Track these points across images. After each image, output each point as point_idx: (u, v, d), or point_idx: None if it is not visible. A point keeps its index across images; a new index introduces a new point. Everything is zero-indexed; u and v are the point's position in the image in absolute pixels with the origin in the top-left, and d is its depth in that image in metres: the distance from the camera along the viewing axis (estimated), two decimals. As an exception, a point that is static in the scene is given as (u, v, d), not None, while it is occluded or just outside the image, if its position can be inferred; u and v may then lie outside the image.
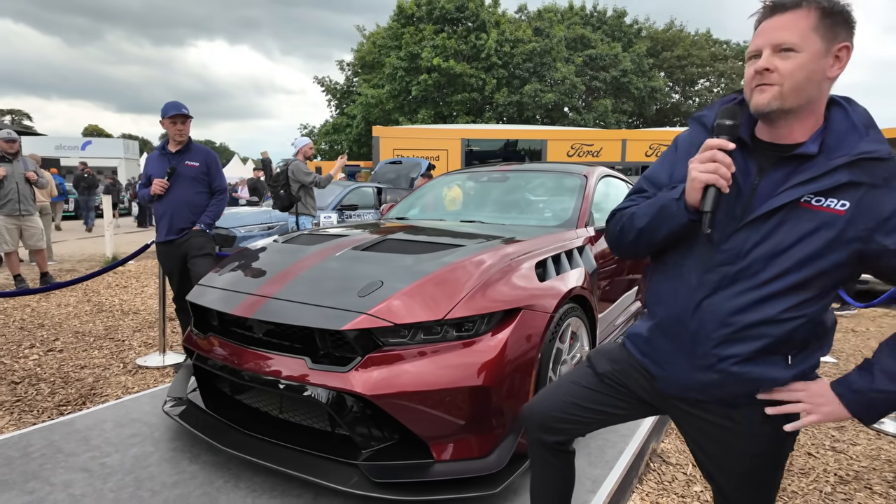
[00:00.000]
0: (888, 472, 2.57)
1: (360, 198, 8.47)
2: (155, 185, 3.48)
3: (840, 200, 1.07)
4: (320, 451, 2.03)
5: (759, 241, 1.12)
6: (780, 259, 1.10)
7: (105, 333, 4.50)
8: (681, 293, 1.22)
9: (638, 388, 1.35)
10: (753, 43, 1.13)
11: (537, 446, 1.46)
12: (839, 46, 1.08)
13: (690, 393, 1.25)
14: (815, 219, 1.08)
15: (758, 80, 1.10)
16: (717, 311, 1.16)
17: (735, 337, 1.15)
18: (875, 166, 1.06)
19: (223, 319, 2.34)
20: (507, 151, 18.38)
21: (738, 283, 1.15)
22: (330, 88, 31.83)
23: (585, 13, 32.42)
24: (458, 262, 2.18)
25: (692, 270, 1.20)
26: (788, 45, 1.07)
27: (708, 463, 1.32)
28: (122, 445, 2.40)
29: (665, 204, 1.20)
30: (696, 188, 1.12)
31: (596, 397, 1.38)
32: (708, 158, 1.11)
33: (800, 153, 1.11)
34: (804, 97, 1.09)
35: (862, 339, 5.12)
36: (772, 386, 1.17)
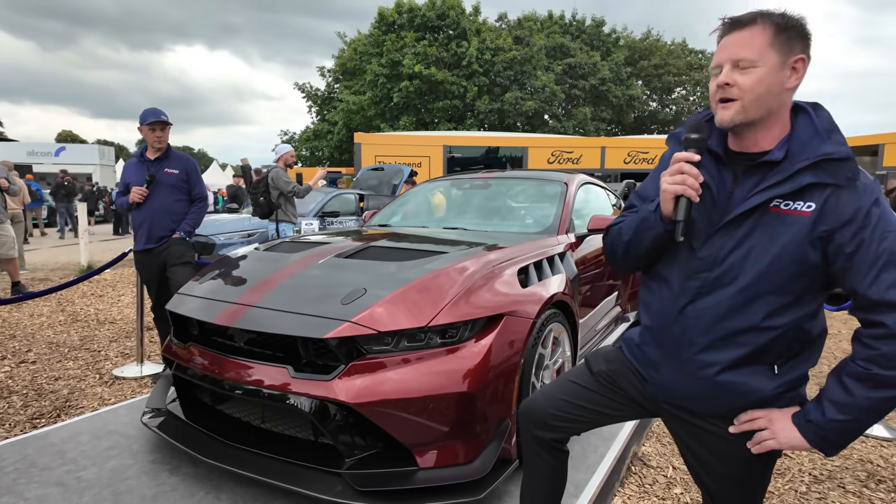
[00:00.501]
0: (860, 472, 2.65)
1: (341, 204, 8.44)
2: (133, 194, 3.42)
3: (806, 202, 1.11)
4: (303, 460, 2.01)
5: (733, 246, 1.17)
6: (754, 263, 1.14)
7: (80, 344, 4.41)
8: (665, 300, 1.27)
9: (631, 388, 1.38)
10: (715, 59, 1.18)
11: (533, 443, 1.48)
12: (795, 59, 1.13)
13: (677, 399, 1.29)
14: (784, 222, 1.12)
15: (720, 94, 1.16)
16: (700, 318, 1.20)
17: (718, 343, 1.19)
18: (837, 167, 1.10)
19: (204, 328, 2.32)
20: (489, 158, 18.50)
21: (718, 289, 1.18)
22: (311, 95, 31.68)
23: (565, 22, 32.89)
24: (442, 269, 2.19)
25: (675, 278, 1.25)
26: (747, 60, 1.12)
27: (697, 465, 1.35)
28: (98, 458, 2.35)
29: (645, 216, 1.27)
30: (667, 199, 1.19)
31: (591, 396, 1.42)
32: (676, 171, 1.17)
33: (767, 160, 1.16)
34: (765, 108, 1.14)
35: (834, 342, 5.25)
36: (756, 397, 1.19)
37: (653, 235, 1.25)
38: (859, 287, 1.08)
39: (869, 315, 1.09)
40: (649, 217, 1.25)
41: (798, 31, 1.13)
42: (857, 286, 1.09)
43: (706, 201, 1.21)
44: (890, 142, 15.42)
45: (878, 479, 2.56)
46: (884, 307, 1.06)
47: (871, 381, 1.07)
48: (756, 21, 1.12)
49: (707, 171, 1.21)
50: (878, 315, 1.06)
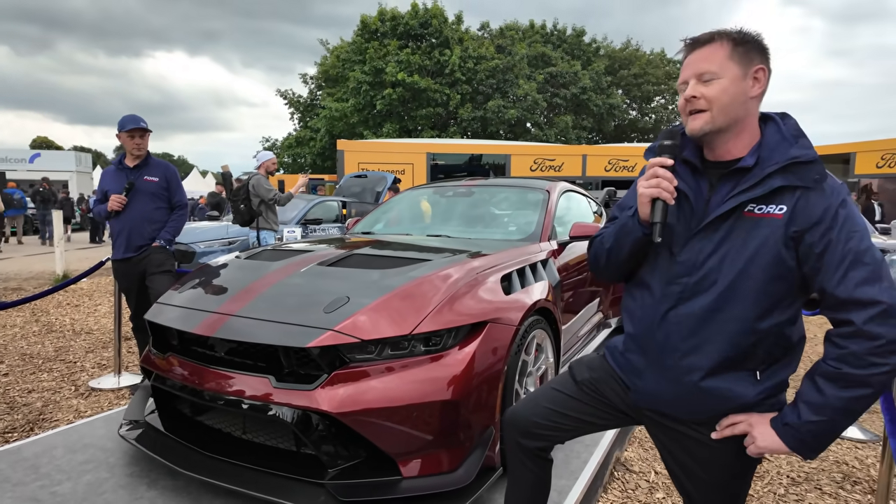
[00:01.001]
0: (836, 473, 2.70)
1: (324, 212, 8.40)
2: (112, 202, 3.36)
3: (778, 205, 1.16)
4: (285, 471, 1.99)
5: (711, 251, 1.20)
6: (731, 266, 1.18)
7: (55, 355, 4.30)
8: (647, 306, 1.30)
9: (614, 396, 1.40)
10: (681, 76, 1.26)
11: (517, 451, 1.48)
12: (755, 69, 1.20)
13: (661, 406, 1.31)
14: (758, 225, 1.16)
15: (689, 106, 1.22)
16: (682, 323, 1.23)
17: (700, 348, 1.21)
18: (805, 169, 1.15)
19: (183, 338, 2.28)
20: (472, 166, 18.57)
21: (698, 294, 1.21)
22: (293, 101, 31.53)
23: (546, 32, 33.27)
24: (425, 277, 2.19)
25: (656, 284, 1.29)
26: (709, 73, 1.19)
27: (679, 471, 1.36)
28: (74, 472, 2.30)
29: (624, 222, 1.32)
30: (643, 203, 1.23)
31: (575, 405, 1.43)
32: (651, 175, 1.23)
33: (740, 167, 1.21)
34: (732, 117, 1.20)
35: (810, 346, 5.36)
36: (739, 403, 1.22)
37: (632, 240, 1.29)
38: (828, 286, 1.11)
39: (838, 314, 1.12)
40: (628, 222, 1.30)
41: (755, 45, 1.20)
42: (825, 285, 1.12)
43: (685, 209, 1.25)
44: (861, 150, 15.86)
45: (854, 481, 2.62)
46: (851, 305, 1.09)
47: (843, 381, 1.10)
48: (714, 39, 1.21)
49: (684, 180, 1.25)
50: (847, 313, 1.09)
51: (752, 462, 1.29)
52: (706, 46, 1.21)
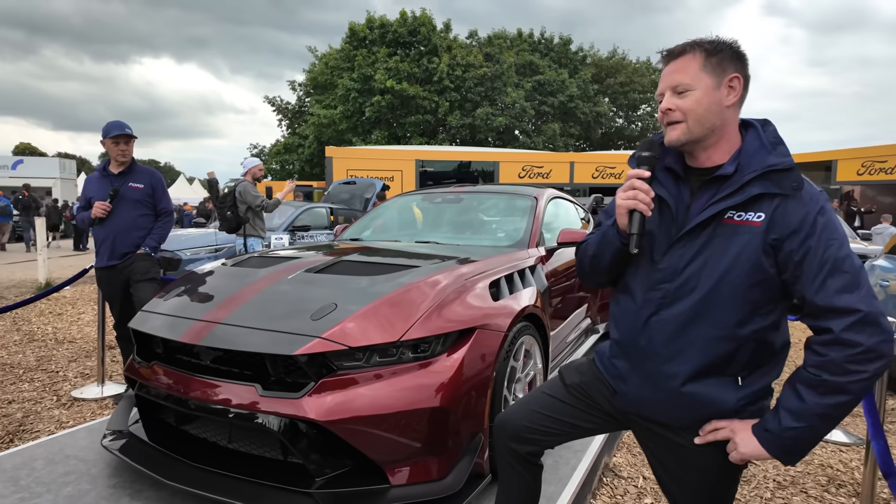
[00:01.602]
0: (822, 476, 2.73)
1: (312, 218, 8.36)
2: (96, 209, 3.32)
3: (756, 213, 1.17)
4: (272, 480, 1.96)
5: (691, 257, 1.21)
6: (711, 273, 1.19)
7: (37, 365, 4.22)
8: (630, 312, 1.31)
9: (603, 401, 1.40)
10: (658, 88, 1.29)
11: (508, 456, 1.48)
12: (729, 78, 1.21)
13: (645, 411, 1.32)
14: (738, 232, 1.18)
15: (665, 118, 1.25)
16: (664, 329, 1.24)
17: (682, 354, 1.22)
18: (783, 177, 1.16)
19: (168, 347, 2.25)
20: (461, 172, 18.64)
21: (679, 299, 1.22)
22: (281, 108, 31.45)
23: (533, 40, 33.58)
24: (414, 283, 2.19)
25: (638, 290, 1.30)
26: (683, 85, 1.21)
27: (665, 476, 1.37)
28: (54, 485, 2.25)
29: (605, 231, 1.36)
30: (621, 213, 1.26)
31: (565, 409, 1.44)
32: (628, 187, 1.25)
33: (720, 174, 1.22)
34: (708, 126, 1.22)
35: (795, 350, 5.43)
36: (720, 408, 1.22)
37: (612, 249, 1.33)
38: (807, 294, 1.12)
39: (817, 322, 1.13)
40: (608, 232, 1.34)
41: (729, 54, 1.21)
42: (805, 293, 1.12)
43: (666, 216, 1.27)
44: (842, 158, 16.16)
45: (839, 484, 2.64)
46: (830, 313, 1.10)
47: (823, 388, 1.11)
48: (687, 51, 1.23)
49: (666, 187, 1.27)
50: (826, 321, 1.10)
51: (737, 467, 1.30)
52: (680, 58, 1.23)
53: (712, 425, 1.23)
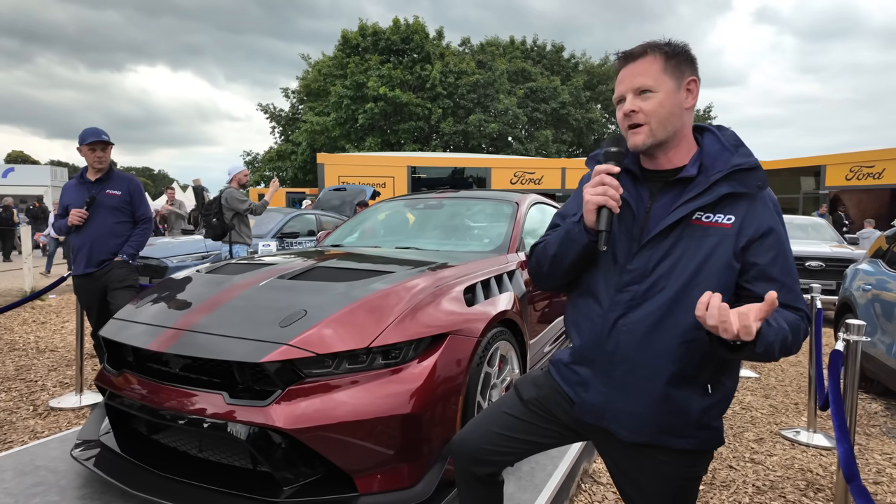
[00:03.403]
0: (801, 481, 2.72)
1: (302, 225, 8.34)
2: (72, 216, 3.29)
3: (726, 215, 1.19)
4: (242, 490, 1.94)
5: (660, 258, 1.20)
6: (681, 273, 1.18)
7: (15, 374, 4.17)
8: (596, 316, 1.28)
9: (561, 413, 1.36)
10: (617, 90, 1.27)
11: (468, 478, 1.44)
12: (688, 80, 1.23)
13: (606, 420, 1.27)
14: (707, 233, 1.19)
15: (627, 121, 1.23)
16: (632, 331, 1.21)
17: (652, 358, 1.20)
18: (748, 176, 1.19)
19: (138, 355, 2.22)
20: (455, 179, 18.67)
21: (647, 300, 1.21)
22: (274, 115, 31.47)
23: (526, 48, 33.79)
24: (385, 290, 2.17)
25: (603, 293, 1.27)
26: (646, 87, 1.21)
27: (627, 485, 1.35)
28: (22, 496, 2.21)
29: (569, 229, 1.30)
30: (589, 210, 1.21)
31: (523, 426, 1.39)
32: (597, 182, 1.21)
33: (683, 176, 1.22)
34: (671, 128, 1.22)
35: (789, 363, 5.44)
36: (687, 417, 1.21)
37: (578, 247, 1.27)
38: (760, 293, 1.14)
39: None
40: (573, 229, 1.28)
41: (685, 57, 1.23)
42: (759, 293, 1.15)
43: (626, 218, 1.26)
44: (831, 163, 16.29)
45: (817, 488, 2.63)
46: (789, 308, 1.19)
47: (792, 332, 1.14)
48: (647, 52, 1.22)
49: (626, 189, 1.25)
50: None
51: (698, 475, 1.30)
52: (640, 60, 1.23)
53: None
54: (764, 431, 3.37)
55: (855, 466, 1.40)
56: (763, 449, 3.10)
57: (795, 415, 3.70)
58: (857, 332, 1.96)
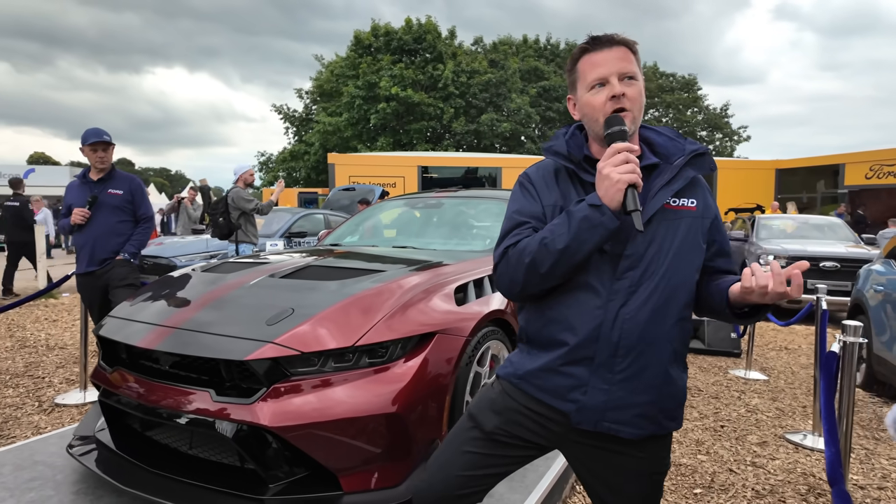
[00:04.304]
0: (802, 485, 2.66)
1: (312, 225, 8.38)
2: (75, 215, 3.34)
3: (689, 198, 1.25)
4: (229, 487, 1.94)
5: (648, 242, 1.20)
6: (666, 256, 1.20)
7: (24, 371, 4.25)
8: (594, 308, 1.19)
9: (530, 434, 1.28)
10: (594, 73, 1.22)
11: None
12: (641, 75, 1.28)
13: (605, 424, 1.21)
14: (679, 216, 1.24)
15: (615, 103, 1.20)
16: (635, 318, 1.17)
17: (654, 341, 1.20)
18: (703, 160, 1.27)
19: (131, 352, 2.25)
20: (468, 178, 18.64)
21: (642, 285, 1.18)
22: (288, 116, 31.72)
23: (539, 46, 33.63)
24: (373, 288, 2.17)
25: (599, 285, 1.19)
26: (631, 73, 1.21)
27: (600, 487, 1.31)
28: (18, 490, 2.24)
29: (584, 215, 1.14)
30: (619, 189, 1.11)
31: (490, 461, 1.29)
32: (622, 160, 1.11)
33: (647, 164, 1.25)
34: (641, 118, 1.26)
35: (794, 357, 5.34)
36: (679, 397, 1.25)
37: (603, 234, 1.14)
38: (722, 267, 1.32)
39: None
40: (592, 215, 1.13)
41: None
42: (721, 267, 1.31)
43: None
44: (850, 161, 15.95)
45: (818, 493, 2.57)
46: (734, 274, 1.30)
47: None
48: (625, 42, 1.24)
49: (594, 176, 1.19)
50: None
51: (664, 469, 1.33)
52: (616, 47, 1.21)
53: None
54: (768, 435, 3.30)
55: (839, 472, 1.36)
56: (766, 452, 3.04)
57: (803, 418, 3.62)
58: (854, 334, 1.90)
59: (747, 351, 4.69)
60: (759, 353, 5.37)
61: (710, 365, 4.92)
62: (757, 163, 19.29)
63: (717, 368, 4.81)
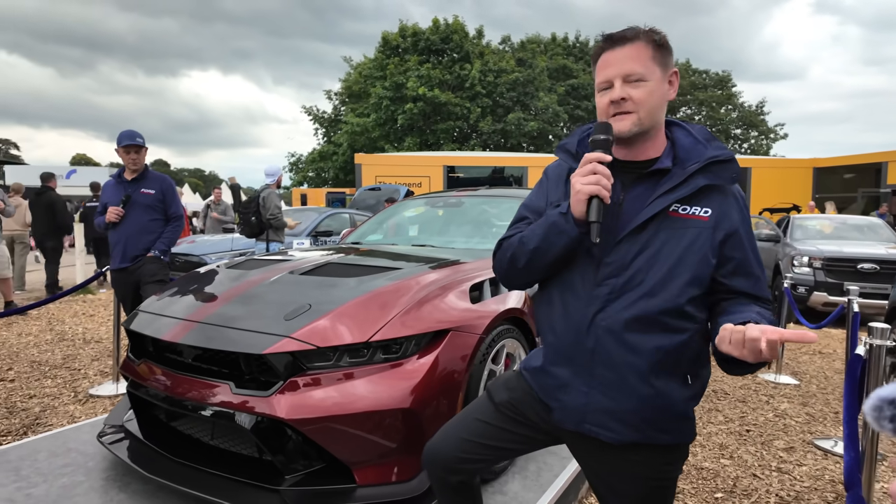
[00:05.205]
0: (829, 493, 2.58)
1: (338, 224, 8.50)
2: (109, 213, 3.48)
3: (703, 207, 1.17)
4: (248, 477, 2.00)
5: (638, 251, 1.17)
6: (659, 266, 1.16)
7: (62, 363, 4.44)
8: (573, 312, 1.23)
9: (535, 416, 1.33)
10: (602, 75, 1.21)
11: (443, 487, 1.42)
12: (671, 72, 1.20)
13: (585, 426, 1.23)
14: (685, 225, 1.16)
15: (615, 108, 1.18)
16: (612, 325, 1.18)
17: (632, 351, 1.16)
18: (723, 168, 1.18)
19: (157, 345, 2.33)
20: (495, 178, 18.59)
21: (626, 293, 1.17)
22: (317, 117, 32.20)
23: (567, 44, 33.29)
24: (388, 286, 2.20)
25: (580, 288, 1.22)
26: (637, 75, 1.17)
27: (601, 487, 1.32)
28: (51, 475, 2.35)
29: (554, 221, 1.21)
30: (580, 200, 1.14)
31: (496, 433, 1.35)
32: (589, 171, 1.15)
33: (657, 168, 1.19)
34: (655, 119, 1.20)
35: (828, 361, 5.16)
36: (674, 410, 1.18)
37: (565, 240, 1.19)
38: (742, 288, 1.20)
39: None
40: (559, 221, 1.20)
41: (668, 48, 1.20)
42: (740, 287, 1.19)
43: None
44: (893, 160, 15.31)
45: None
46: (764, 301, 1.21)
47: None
48: (639, 37, 1.17)
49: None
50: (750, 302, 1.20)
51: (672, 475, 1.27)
52: (629, 45, 1.18)
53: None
54: (796, 440, 3.21)
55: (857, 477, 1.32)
56: (792, 458, 2.96)
57: (834, 424, 3.50)
58: (881, 336, 1.84)
59: (778, 354, 4.56)
60: (790, 357, 5.21)
61: (739, 368, 4.79)
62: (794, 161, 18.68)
63: (746, 372, 4.68)
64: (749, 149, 36.05)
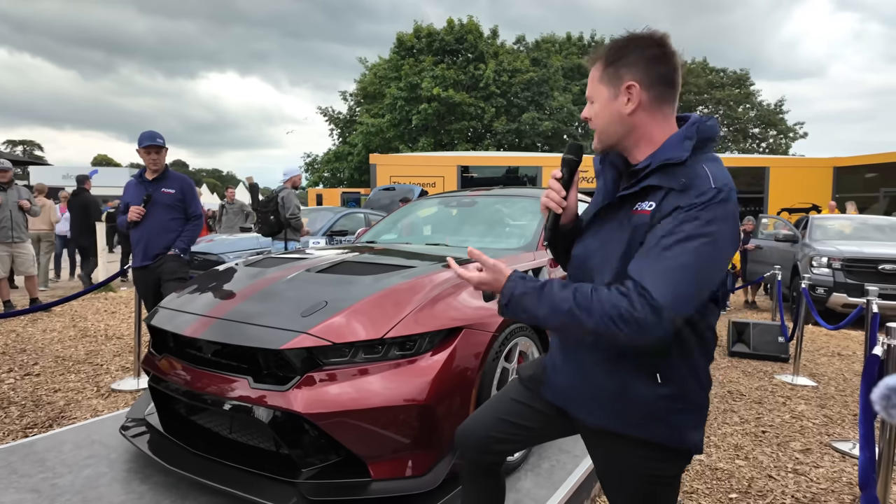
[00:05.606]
0: (847, 495, 2.55)
1: (353, 223, 8.58)
2: (131, 212, 3.57)
3: (648, 202, 1.16)
4: (265, 470, 2.05)
5: (596, 247, 1.26)
6: (610, 261, 1.20)
7: (85, 358, 4.55)
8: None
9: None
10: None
11: (473, 469, 1.47)
12: (625, 86, 1.19)
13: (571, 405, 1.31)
14: (632, 222, 1.19)
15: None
16: None
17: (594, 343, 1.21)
18: (675, 171, 1.13)
19: (177, 341, 2.39)
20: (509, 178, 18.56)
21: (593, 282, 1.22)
22: (333, 118, 32.42)
23: (583, 43, 33.08)
24: (402, 283, 2.23)
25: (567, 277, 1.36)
26: (590, 97, 1.26)
27: (602, 478, 1.34)
28: (76, 466, 2.42)
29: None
30: (542, 210, 1.35)
31: (527, 413, 1.41)
32: (549, 187, 1.32)
33: (634, 169, 1.24)
34: (614, 134, 1.24)
35: (847, 363, 5.09)
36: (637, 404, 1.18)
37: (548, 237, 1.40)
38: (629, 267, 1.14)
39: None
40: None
41: (627, 61, 1.18)
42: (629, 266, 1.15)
43: None
44: (917, 158, 14.96)
45: (864, 503, 2.46)
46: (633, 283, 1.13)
47: (584, 301, 1.10)
48: (596, 60, 1.25)
49: (605, 183, 1.32)
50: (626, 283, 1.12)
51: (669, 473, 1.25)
52: (594, 67, 1.26)
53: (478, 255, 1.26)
54: (813, 442, 3.17)
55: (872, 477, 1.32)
56: (809, 460, 2.93)
57: (853, 426, 3.46)
58: (899, 336, 1.82)
59: (795, 355, 4.51)
60: (808, 359, 5.15)
61: (755, 369, 4.75)
62: (813, 160, 18.36)
63: (763, 373, 4.64)
64: (768, 148, 35.49)
